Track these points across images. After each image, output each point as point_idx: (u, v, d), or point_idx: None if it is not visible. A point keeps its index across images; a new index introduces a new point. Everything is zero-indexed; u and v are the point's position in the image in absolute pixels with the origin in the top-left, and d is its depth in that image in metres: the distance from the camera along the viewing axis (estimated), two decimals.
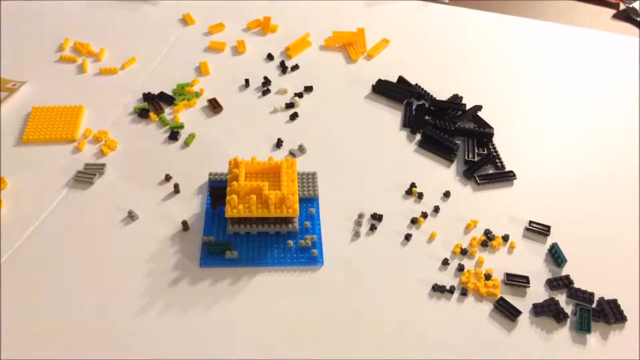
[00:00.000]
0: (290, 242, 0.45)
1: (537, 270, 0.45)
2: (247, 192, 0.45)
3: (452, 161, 0.53)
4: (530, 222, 0.47)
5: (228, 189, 0.45)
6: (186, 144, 0.54)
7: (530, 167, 0.53)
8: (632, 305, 0.43)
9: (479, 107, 0.58)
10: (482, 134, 0.55)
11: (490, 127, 0.56)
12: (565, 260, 0.45)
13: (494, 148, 0.55)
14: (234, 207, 0.43)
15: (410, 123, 0.57)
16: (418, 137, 0.56)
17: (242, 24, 0.69)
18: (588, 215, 0.50)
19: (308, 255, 0.45)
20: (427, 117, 0.58)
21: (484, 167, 0.53)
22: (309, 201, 0.49)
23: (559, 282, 0.44)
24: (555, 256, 0.46)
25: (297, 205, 0.44)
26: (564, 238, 0.47)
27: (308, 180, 0.50)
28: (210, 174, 0.50)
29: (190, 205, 0.48)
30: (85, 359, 0.39)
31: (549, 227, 0.47)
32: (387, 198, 0.50)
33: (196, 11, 0.70)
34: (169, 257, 0.45)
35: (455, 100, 0.60)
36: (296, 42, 0.65)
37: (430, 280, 0.44)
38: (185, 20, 0.69)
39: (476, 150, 0.54)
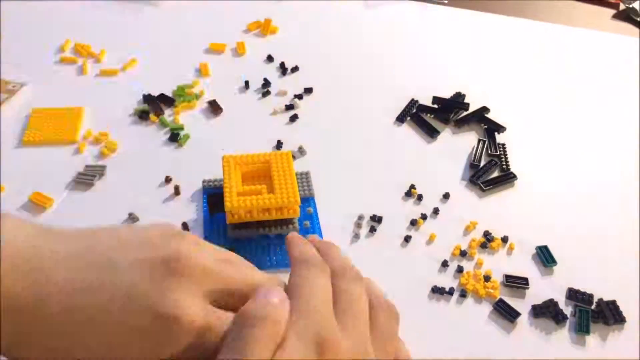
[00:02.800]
0: None
1: (536, 271, 0.45)
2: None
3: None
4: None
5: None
6: (179, 144, 0.54)
7: (529, 167, 0.53)
8: (631, 306, 0.43)
9: (486, 110, 0.58)
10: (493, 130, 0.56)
11: (503, 127, 0.57)
12: (555, 263, 0.45)
13: (504, 150, 0.55)
14: (235, 214, 0.43)
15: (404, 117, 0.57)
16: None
17: (242, 25, 0.69)
18: (588, 216, 0.50)
19: None
20: (429, 115, 0.58)
21: (490, 171, 0.53)
22: (305, 200, 0.49)
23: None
24: (543, 258, 0.46)
25: (297, 207, 0.44)
26: (563, 238, 0.47)
27: (302, 179, 0.50)
28: (204, 181, 0.50)
29: (191, 207, 0.49)
30: None
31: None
32: (386, 200, 0.50)
33: (196, 12, 0.70)
34: None
35: (458, 98, 0.60)
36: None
37: (429, 282, 0.44)
38: (186, 22, 0.69)
39: (488, 152, 0.54)
